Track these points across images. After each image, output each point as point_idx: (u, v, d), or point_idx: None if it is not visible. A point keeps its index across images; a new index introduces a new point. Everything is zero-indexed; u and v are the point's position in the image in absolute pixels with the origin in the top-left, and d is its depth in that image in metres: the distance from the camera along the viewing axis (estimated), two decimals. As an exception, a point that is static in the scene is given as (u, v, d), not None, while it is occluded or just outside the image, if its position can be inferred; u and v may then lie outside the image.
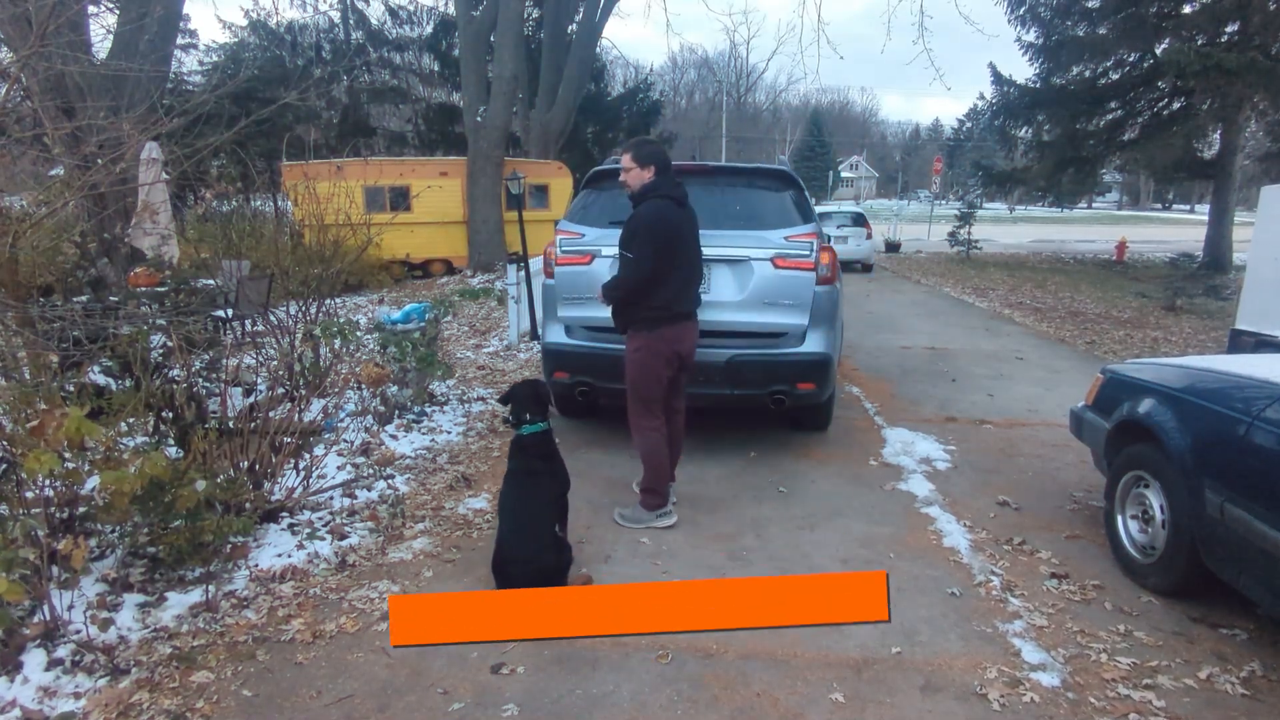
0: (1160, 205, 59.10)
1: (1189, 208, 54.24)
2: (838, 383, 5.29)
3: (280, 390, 4.16)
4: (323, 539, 3.32)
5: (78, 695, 2.27)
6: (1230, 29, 14.59)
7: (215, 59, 20.59)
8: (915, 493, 4.03)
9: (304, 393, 4.12)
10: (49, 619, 2.48)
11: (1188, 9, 15.18)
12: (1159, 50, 15.56)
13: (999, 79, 18.08)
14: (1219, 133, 16.71)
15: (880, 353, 7.75)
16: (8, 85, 3.69)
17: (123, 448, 3.05)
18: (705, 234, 3.73)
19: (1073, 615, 2.83)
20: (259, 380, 5.03)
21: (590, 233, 4.39)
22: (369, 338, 5.78)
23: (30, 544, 2.33)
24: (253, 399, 4.04)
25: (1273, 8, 13.47)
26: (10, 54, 5.82)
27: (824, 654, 2.55)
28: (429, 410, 5.29)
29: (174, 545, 2.82)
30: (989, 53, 48.73)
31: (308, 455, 3.80)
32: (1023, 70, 20.18)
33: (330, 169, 10.07)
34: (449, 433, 4.95)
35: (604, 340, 4.19)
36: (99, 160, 3.85)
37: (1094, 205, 55.91)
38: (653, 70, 38.67)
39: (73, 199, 5.19)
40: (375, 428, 4.78)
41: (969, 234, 19.60)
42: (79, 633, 2.49)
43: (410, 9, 22.20)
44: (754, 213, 4.41)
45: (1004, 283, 14.55)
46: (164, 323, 4.18)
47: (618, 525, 3.57)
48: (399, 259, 12.46)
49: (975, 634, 2.70)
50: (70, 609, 2.56)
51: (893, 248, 21.53)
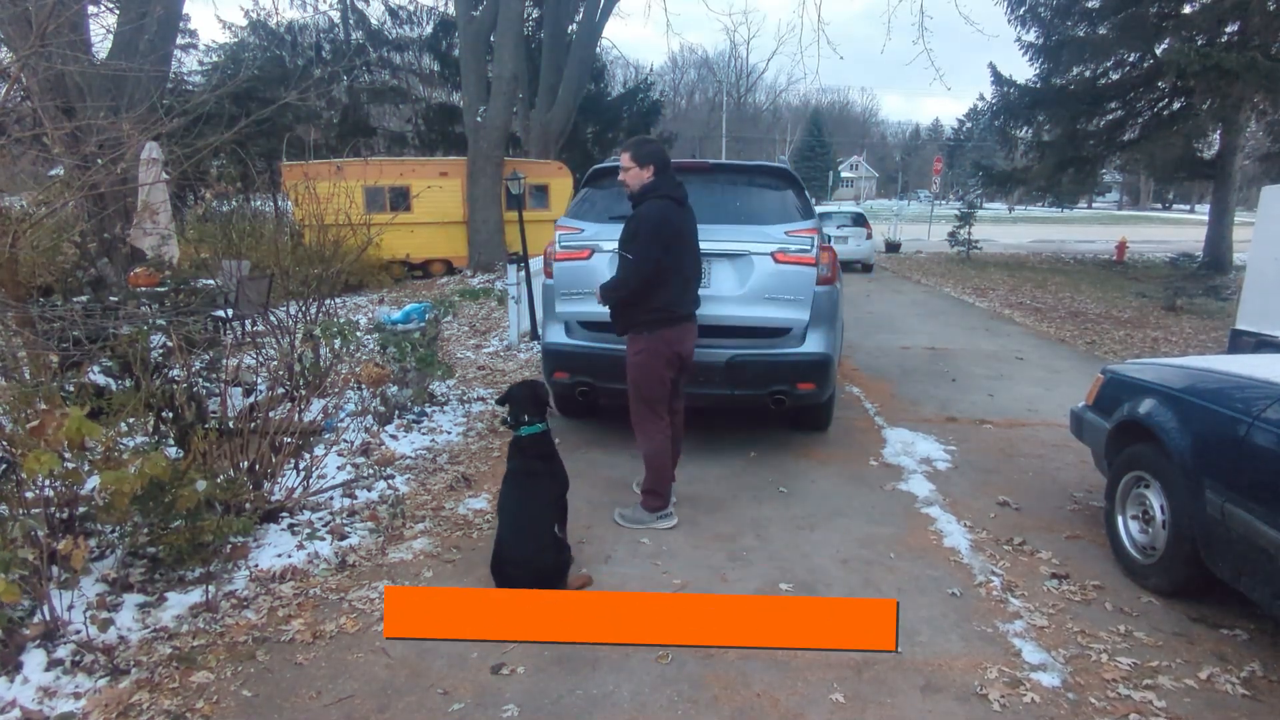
0: (1160, 205, 59.09)
1: (1189, 208, 54.23)
2: (838, 383, 5.29)
3: (280, 390, 4.16)
4: (323, 539, 3.33)
5: (77, 695, 2.27)
6: (1230, 29, 14.59)
7: (215, 59, 20.64)
8: (915, 493, 4.03)
9: (304, 393, 4.12)
10: (49, 619, 2.48)
11: (1188, 9, 15.18)
12: (1159, 50, 15.57)
13: (999, 79, 18.09)
14: (1219, 133, 16.70)
15: (880, 353, 7.75)
16: (8, 85, 3.69)
17: (123, 448, 3.05)
18: (706, 229, 3.70)
19: (1073, 615, 2.83)
20: (259, 380, 5.04)
21: (589, 228, 4.35)
22: (369, 338, 5.78)
23: (30, 544, 2.33)
24: (253, 399, 4.04)
25: (1273, 8, 13.47)
26: (10, 54, 5.81)
27: (824, 654, 2.54)
28: (429, 410, 5.29)
29: (174, 545, 2.82)
30: (989, 53, 48.66)
31: (308, 455, 3.80)
32: (1023, 70, 20.26)
33: (330, 169, 10.06)
34: (449, 433, 4.95)
35: (604, 340, 4.17)
36: (99, 160, 3.85)
37: (1094, 205, 55.92)
38: (653, 70, 38.74)
39: (73, 199, 5.19)
40: (375, 428, 4.78)
41: (969, 234, 19.62)
42: (79, 633, 2.49)
43: (410, 9, 22.22)
44: (754, 209, 4.39)
45: (1004, 283, 14.55)
46: (164, 323, 4.18)
47: (618, 525, 3.56)
48: (399, 259, 12.46)
49: (976, 634, 2.70)
50: (70, 609, 2.56)
51: (893, 248, 21.54)
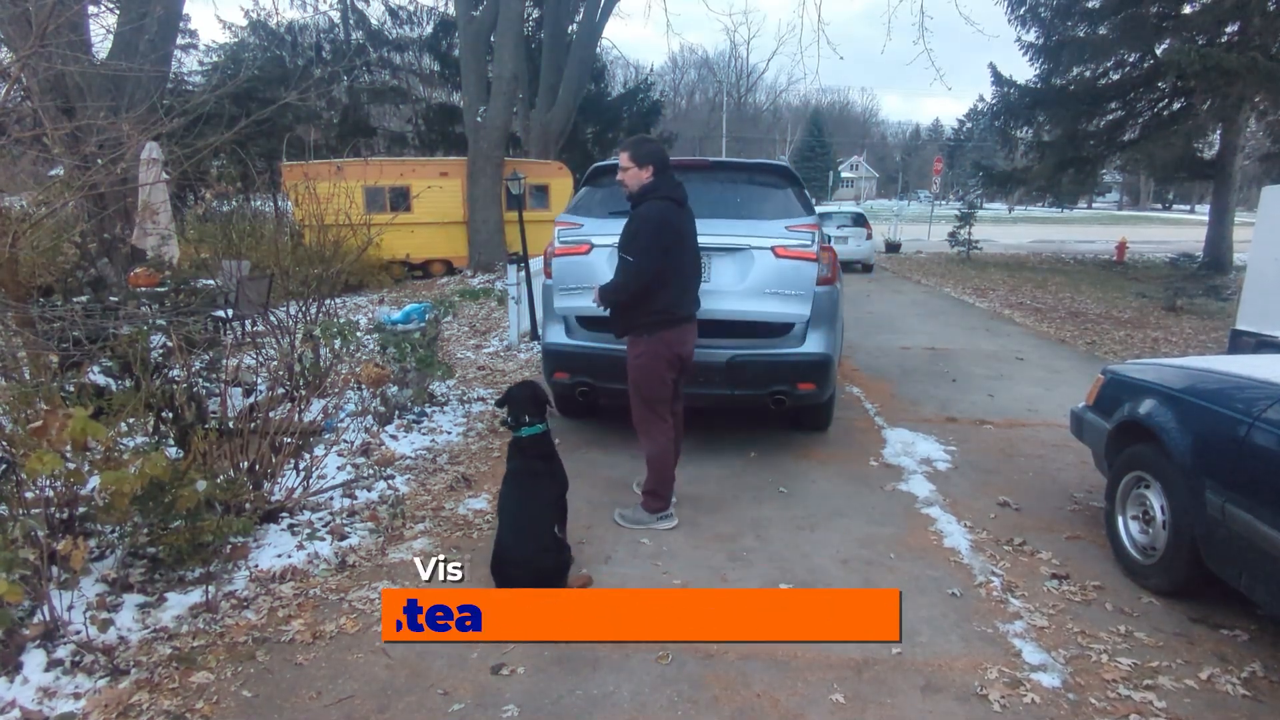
0: (1160, 205, 59.10)
1: (1189, 208, 54.22)
2: (838, 383, 5.29)
3: (280, 390, 4.16)
4: (323, 539, 3.32)
5: (77, 696, 2.27)
6: (1230, 29, 14.60)
7: (215, 59, 20.65)
8: (916, 493, 4.02)
9: (304, 393, 4.12)
10: (49, 619, 2.47)
11: (1188, 9, 15.19)
12: (1159, 50, 15.58)
13: (999, 79, 18.10)
14: (1219, 133, 16.71)
15: (880, 353, 7.75)
16: (8, 85, 3.68)
17: (123, 448, 3.05)
18: (706, 224, 3.68)
19: (1073, 616, 2.83)
20: (259, 380, 5.03)
21: (589, 223, 4.33)
22: (369, 338, 5.78)
23: (30, 544, 2.33)
24: (253, 399, 4.04)
25: (1273, 8, 13.49)
26: (10, 54, 5.81)
27: (824, 654, 2.54)
28: (429, 410, 5.28)
29: (174, 546, 2.82)
30: (989, 53, 48.54)
31: (308, 455, 3.80)
32: (1023, 70, 20.23)
33: (330, 169, 10.05)
34: (449, 433, 4.95)
35: (604, 340, 4.17)
36: (99, 160, 3.85)
37: (1094, 205, 55.90)
38: (653, 70, 38.71)
39: (73, 199, 5.19)
40: (375, 428, 4.78)
41: (969, 234, 19.62)
42: (79, 633, 2.49)
43: (410, 9, 22.24)
44: (755, 205, 4.39)
45: (1004, 283, 14.54)
46: (164, 323, 4.17)
47: (618, 526, 3.56)
48: (399, 259, 12.45)
49: (976, 634, 2.70)
50: (70, 609, 2.56)
51: (893, 248, 21.54)
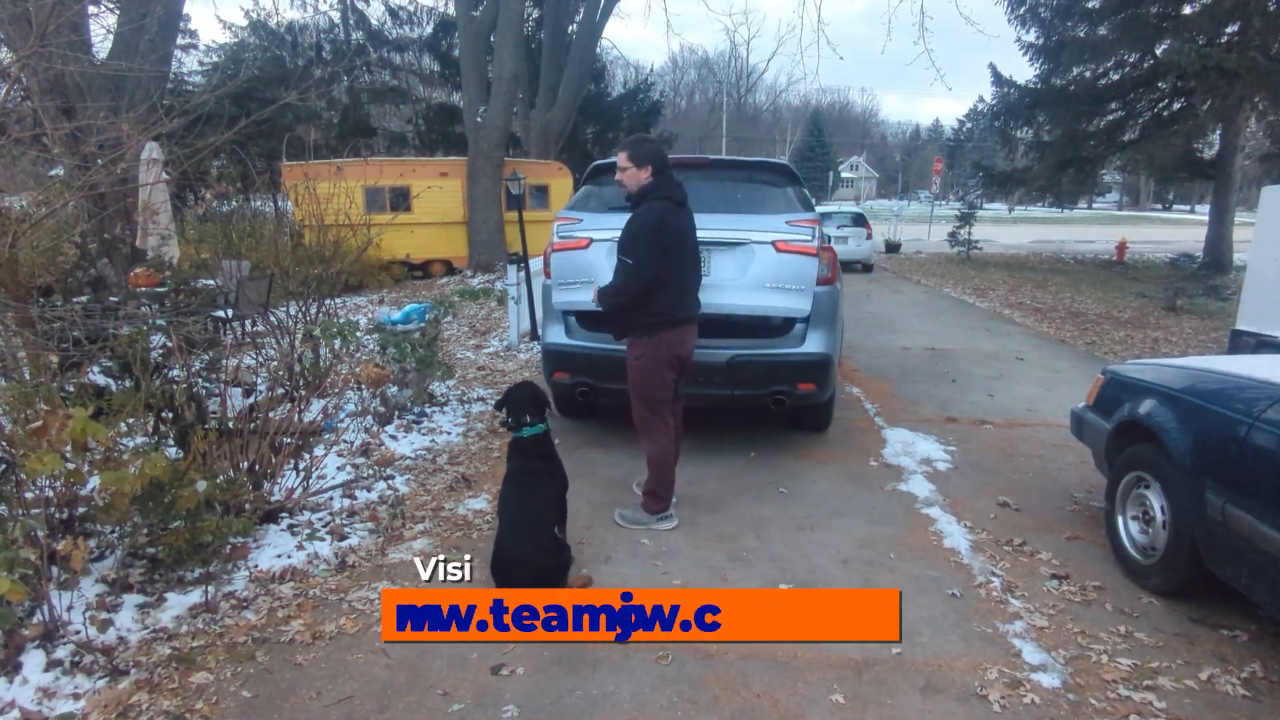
0: (1160, 206, 59.11)
1: (1189, 208, 54.23)
2: (838, 383, 5.29)
3: (280, 390, 4.16)
4: (322, 540, 3.32)
5: (77, 696, 2.27)
6: (1230, 29, 14.60)
7: (215, 59, 20.66)
8: (915, 493, 4.02)
9: (304, 393, 4.12)
10: (48, 620, 2.47)
11: (1188, 10, 15.19)
12: (1159, 51, 15.60)
13: (999, 79, 18.11)
14: (1219, 133, 16.71)
15: (880, 353, 7.75)
16: (8, 85, 3.68)
17: (123, 448, 3.05)
18: (706, 218, 3.66)
19: (1073, 616, 2.83)
20: (259, 380, 5.03)
21: (588, 218, 4.31)
22: (369, 338, 5.78)
23: (30, 544, 2.33)
24: (253, 399, 4.04)
25: (1273, 9, 13.49)
26: (10, 54, 5.81)
27: (824, 655, 2.54)
28: (429, 411, 5.28)
29: (174, 546, 2.82)
30: (989, 53, 48.58)
31: (308, 456, 3.80)
32: (1023, 71, 20.29)
33: (330, 169, 10.06)
34: (449, 433, 4.95)
35: (604, 340, 4.16)
36: (99, 160, 3.85)
37: (1094, 206, 55.89)
38: (653, 70, 38.75)
39: (73, 199, 5.19)
40: (375, 428, 4.78)
41: (969, 234, 19.63)
42: (78, 633, 2.49)
43: (410, 9, 22.25)
44: (755, 201, 4.39)
45: (1004, 283, 14.54)
46: (164, 323, 4.18)
47: (618, 526, 3.56)
48: (399, 259, 12.46)
49: (976, 635, 2.70)
50: (70, 610, 2.56)
51: (893, 248, 21.54)
